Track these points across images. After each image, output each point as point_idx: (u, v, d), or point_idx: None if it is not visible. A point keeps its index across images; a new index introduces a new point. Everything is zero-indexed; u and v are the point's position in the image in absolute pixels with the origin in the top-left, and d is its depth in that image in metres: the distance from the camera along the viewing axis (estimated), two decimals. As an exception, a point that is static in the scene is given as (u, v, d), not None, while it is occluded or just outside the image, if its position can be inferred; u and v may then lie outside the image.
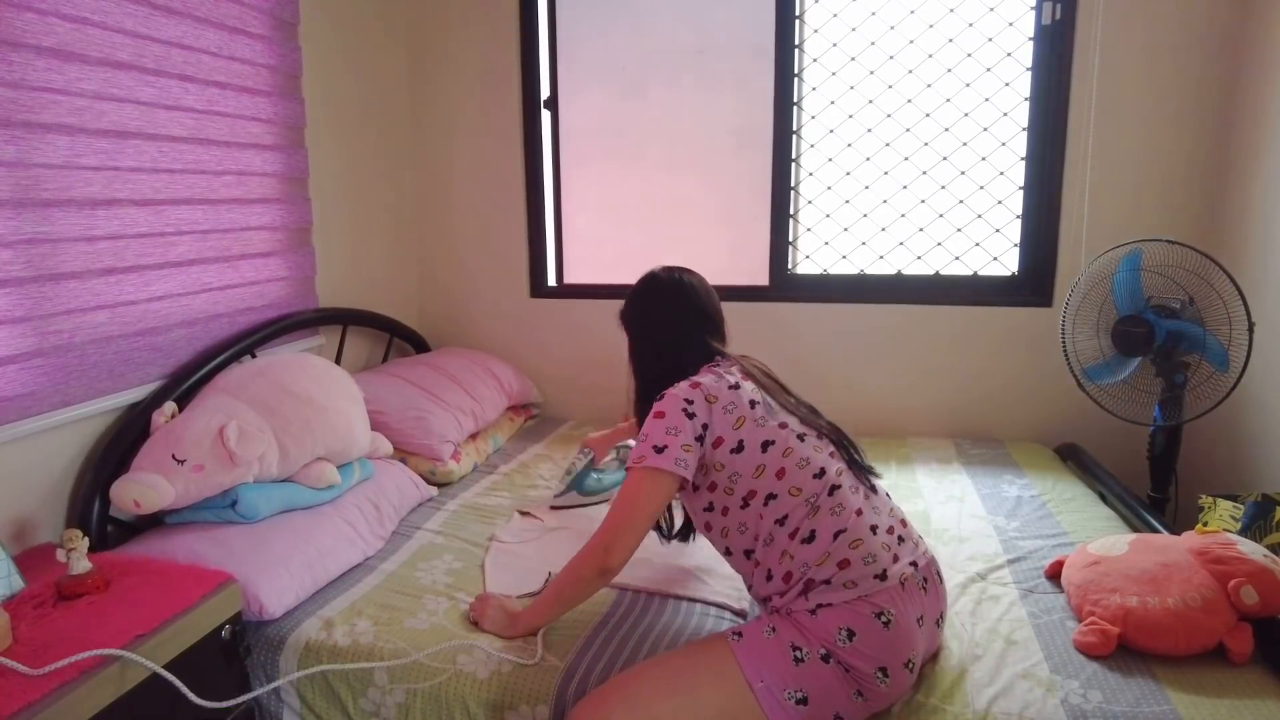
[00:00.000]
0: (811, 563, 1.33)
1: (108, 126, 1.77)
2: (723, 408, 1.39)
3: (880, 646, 1.27)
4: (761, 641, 1.30)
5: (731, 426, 1.38)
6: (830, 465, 1.41)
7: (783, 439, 1.40)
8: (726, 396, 1.40)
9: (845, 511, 1.36)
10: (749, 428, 1.39)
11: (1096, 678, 1.34)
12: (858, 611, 1.29)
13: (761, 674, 1.26)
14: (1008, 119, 2.53)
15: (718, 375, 1.44)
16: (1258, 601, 1.38)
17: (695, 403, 1.39)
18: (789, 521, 1.36)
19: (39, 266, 1.64)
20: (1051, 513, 2.01)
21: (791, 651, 1.27)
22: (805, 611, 1.31)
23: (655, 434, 1.38)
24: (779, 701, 1.24)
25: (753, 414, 1.41)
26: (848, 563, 1.32)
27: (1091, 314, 2.16)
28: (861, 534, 1.35)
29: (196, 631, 1.36)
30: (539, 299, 3.03)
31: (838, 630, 1.27)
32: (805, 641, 1.28)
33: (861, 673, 1.26)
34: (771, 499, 1.37)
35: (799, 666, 1.26)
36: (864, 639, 1.27)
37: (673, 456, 1.36)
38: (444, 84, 2.96)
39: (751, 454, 1.38)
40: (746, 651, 1.28)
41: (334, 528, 1.81)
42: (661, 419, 1.39)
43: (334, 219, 2.59)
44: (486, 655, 1.44)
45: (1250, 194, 2.21)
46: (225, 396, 1.82)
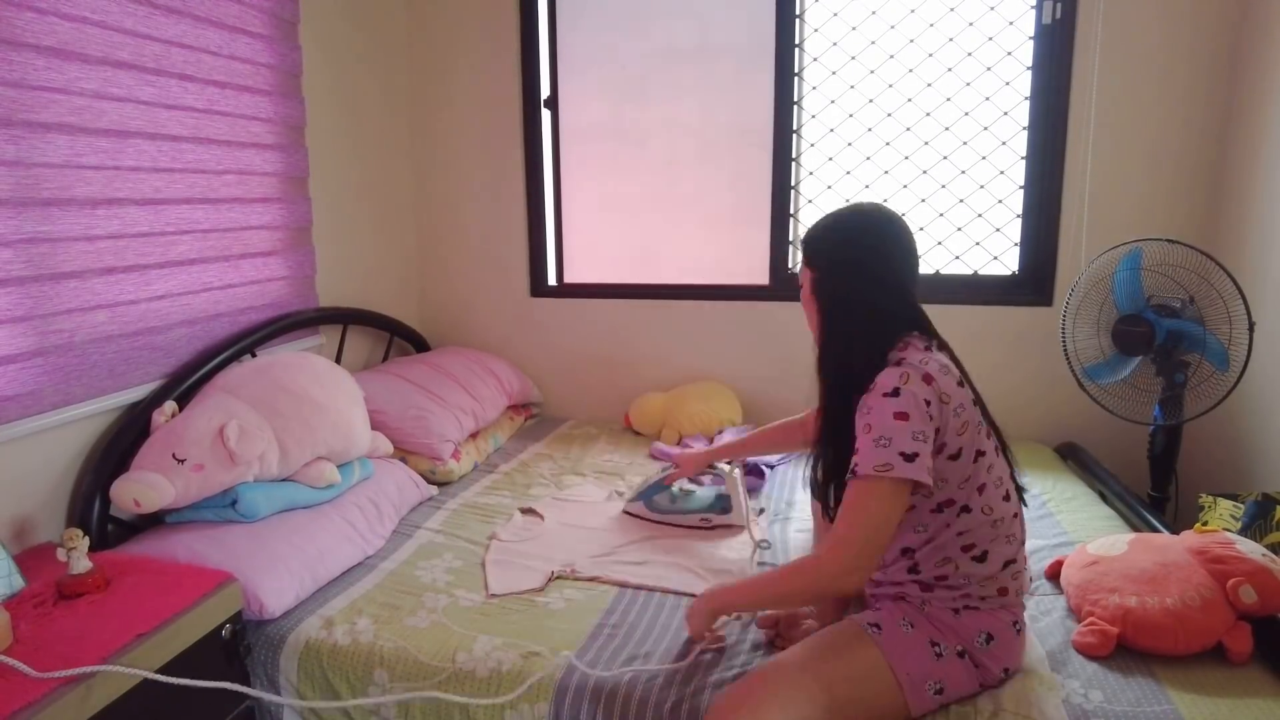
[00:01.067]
0: (975, 580, 1.31)
1: (108, 126, 1.77)
2: (954, 410, 1.24)
3: (1011, 651, 1.32)
4: (903, 636, 1.29)
5: (957, 432, 1.25)
6: (1012, 488, 1.36)
7: (990, 450, 1.31)
8: (957, 396, 1.25)
9: (1016, 542, 1.35)
10: (970, 434, 1.27)
11: (1097, 677, 1.34)
12: (998, 619, 1.32)
13: (907, 667, 1.26)
14: (1008, 118, 2.53)
15: (943, 366, 1.27)
16: (1256, 601, 1.37)
17: (932, 404, 1.22)
18: (968, 536, 1.31)
19: (39, 266, 1.64)
20: (1051, 512, 2.01)
21: (931, 646, 1.29)
22: (947, 610, 1.32)
23: (900, 438, 1.20)
24: (921, 692, 1.26)
25: (974, 417, 1.28)
26: (1006, 591, 1.33)
27: (1092, 313, 2.16)
28: (1023, 565, 1.36)
29: (197, 631, 1.36)
30: (539, 298, 3.04)
31: (979, 633, 1.30)
32: (943, 638, 1.30)
33: (989, 670, 1.30)
34: (965, 512, 1.30)
35: (938, 660, 1.28)
36: (1000, 644, 1.31)
37: (925, 465, 1.20)
38: (444, 83, 2.96)
39: (965, 463, 1.27)
40: (891, 645, 1.28)
41: (334, 527, 1.81)
42: (905, 420, 1.20)
43: (334, 218, 2.59)
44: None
45: (1250, 193, 2.20)
46: (225, 396, 1.82)
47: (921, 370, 1.24)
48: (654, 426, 2.75)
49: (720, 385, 2.80)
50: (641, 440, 2.73)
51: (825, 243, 1.38)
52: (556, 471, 2.42)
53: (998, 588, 1.32)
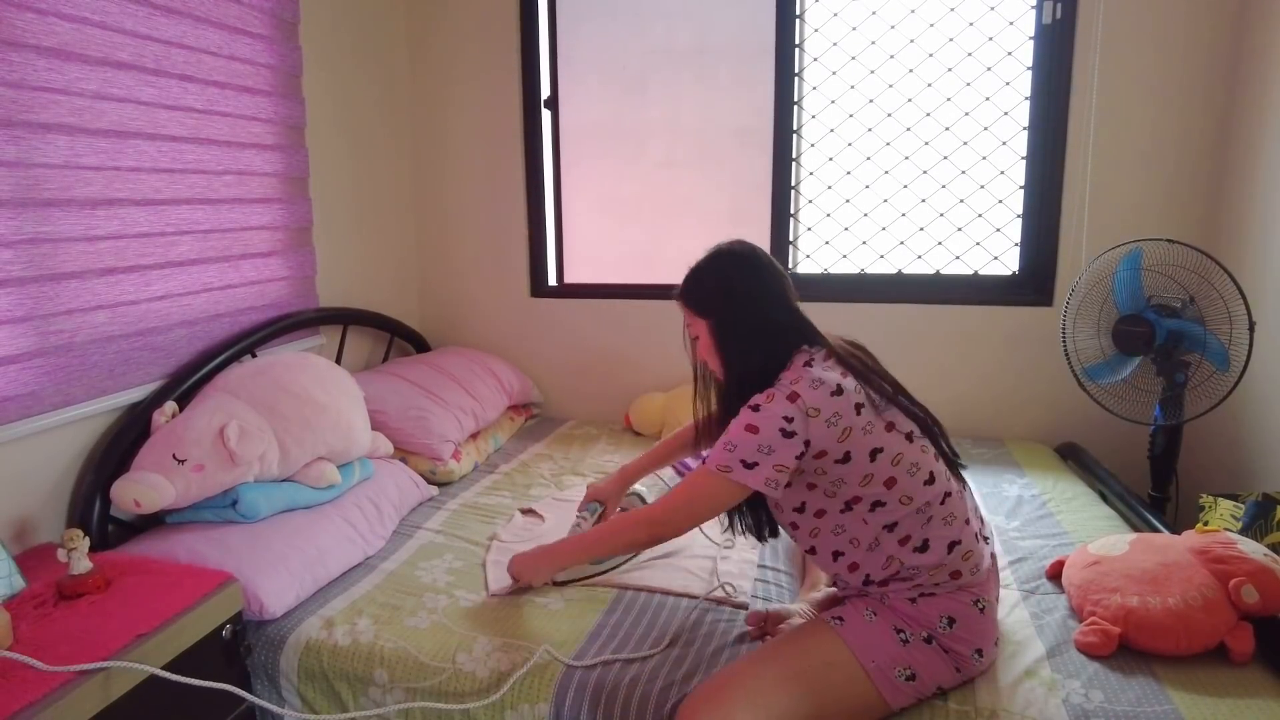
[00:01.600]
0: (925, 568, 1.33)
1: (108, 126, 1.77)
2: (825, 421, 1.27)
3: (977, 630, 1.33)
4: (866, 625, 1.32)
5: (836, 440, 1.28)
6: (938, 469, 1.36)
7: (891, 444, 1.31)
8: (830, 407, 1.28)
9: (956, 522, 1.35)
10: (855, 437, 1.29)
11: (1098, 677, 1.34)
12: (958, 600, 1.33)
13: (872, 655, 1.28)
14: (1008, 118, 2.53)
15: (815, 380, 1.30)
16: (1258, 600, 1.37)
17: (794, 419, 1.27)
18: (899, 529, 1.33)
19: (40, 266, 1.64)
20: (1052, 512, 2.01)
21: (896, 633, 1.31)
22: (904, 599, 1.33)
23: (746, 447, 1.28)
24: (890, 680, 1.27)
25: (859, 422, 1.29)
26: (959, 573, 1.34)
27: (1092, 313, 2.16)
28: (971, 544, 1.36)
29: (197, 631, 1.36)
30: (539, 298, 3.04)
31: (940, 618, 1.32)
32: (907, 624, 1.32)
33: (960, 654, 1.31)
34: (879, 506, 1.32)
35: (905, 647, 1.30)
36: (963, 625, 1.32)
37: (763, 477, 1.28)
38: (444, 83, 2.96)
39: (859, 464, 1.30)
40: (853, 635, 1.30)
41: (334, 527, 1.81)
42: (755, 434, 1.28)
43: (334, 219, 2.59)
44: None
45: (1251, 192, 2.20)
46: (226, 396, 1.82)
47: (788, 390, 1.30)
48: (654, 426, 2.75)
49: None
50: (642, 440, 2.73)
51: (710, 290, 1.45)
52: (556, 472, 2.42)
53: (949, 572, 1.33)
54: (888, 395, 1.37)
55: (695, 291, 1.47)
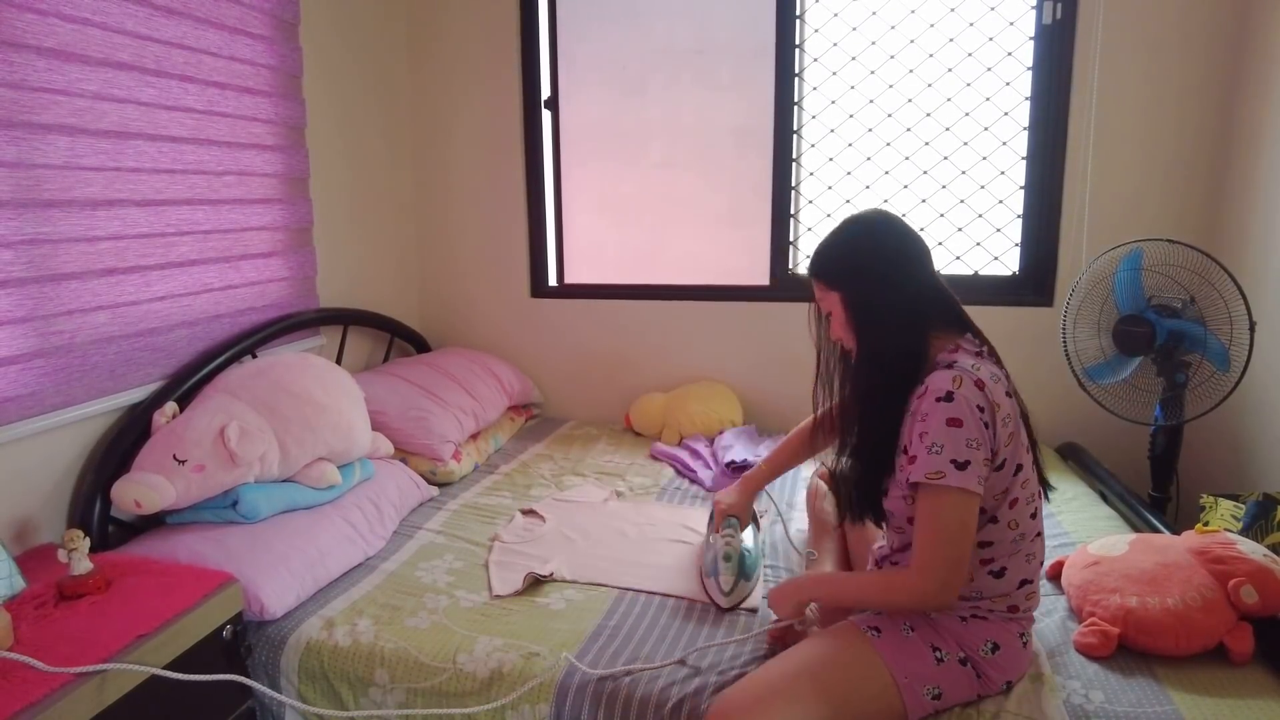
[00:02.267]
0: (988, 595, 1.31)
1: (109, 127, 1.78)
2: (1003, 419, 1.22)
3: (1015, 662, 1.31)
4: (902, 639, 1.29)
5: (1004, 443, 1.23)
6: (1040, 505, 1.34)
7: (1027, 465, 1.29)
8: (1006, 406, 1.23)
9: (1034, 561, 1.34)
10: (1015, 447, 1.25)
11: (1098, 678, 1.34)
12: (1006, 630, 1.31)
13: (906, 670, 1.26)
14: (1008, 118, 2.53)
15: (993, 373, 1.26)
16: (1258, 601, 1.37)
17: (985, 410, 1.20)
18: (990, 550, 1.30)
19: (40, 267, 1.64)
20: (1052, 513, 2.01)
21: (932, 651, 1.28)
22: (955, 617, 1.31)
23: (953, 445, 1.19)
24: (918, 696, 1.26)
25: (1020, 431, 1.26)
26: (1017, 609, 1.33)
27: (1092, 313, 2.16)
28: (1036, 585, 1.34)
29: (198, 631, 1.36)
30: (539, 299, 3.04)
31: (984, 641, 1.29)
32: (944, 644, 1.29)
33: (992, 681, 1.29)
34: (992, 523, 1.28)
35: (939, 666, 1.27)
36: (1005, 654, 1.30)
37: (976, 475, 1.19)
38: (444, 83, 2.96)
39: (1006, 475, 1.25)
40: (889, 649, 1.28)
41: (335, 528, 1.81)
42: (959, 427, 1.19)
43: (335, 219, 2.59)
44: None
45: (1251, 193, 2.20)
46: (226, 397, 1.82)
47: (974, 375, 1.23)
48: (654, 427, 2.75)
49: (721, 385, 2.80)
50: (642, 441, 2.73)
51: (845, 261, 1.36)
52: (557, 472, 2.42)
53: (1009, 605, 1.32)
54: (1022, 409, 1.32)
55: (824, 262, 1.37)
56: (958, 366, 1.25)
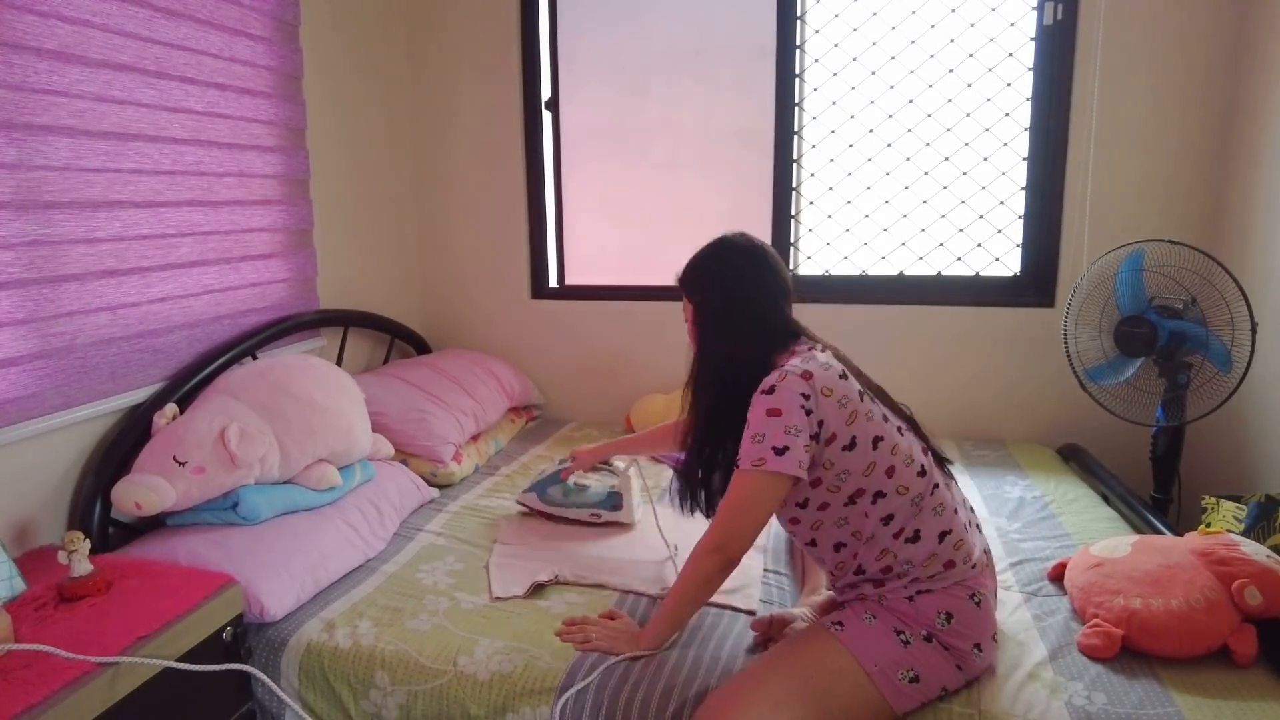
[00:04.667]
0: (917, 562, 1.34)
1: (109, 129, 1.78)
2: (837, 401, 1.30)
3: (974, 624, 1.33)
4: (865, 629, 1.31)
5: (845, 422, 1.30)
6: (927, 462, 1.39)
7: (889, 434, 1.34)
8: (840, 389, 1.31)
9: (946, 511, 1.37)
10: (860, 423, 1.31)
11: (1101, 680, 1.34)
12: (954, 595, 1.33)
13: (873, 658, 1.28)
14: (1009, 119, 2.53)
15: (824, 364, 1.33)
16: (1261, 602, 1.37)
17: (811, 397, 1.28)
18: (894, 521, 1.34)
19: (40, 269, 1.64)
20: (1054, 514, 2.00)
21: (896, 635, 1.30)
22: (903, 599, 1.33)
23: (774, 433, 1.27)
24: (893, 682, 1.27)
25: (863, 408, 1.32)
26: (952, 564, 1.35)
27: (1094, 314, 2.15)
28: (961, 533, 1.37)
29: (198, 633, 1.36)
30: (540, 300, 3.03)
31: (937, 614, 1.32)
32: (906, 625, 1.32)
33: (960, 650, 1.31)
34: (880, 497, 1.33)
35: (906, 648, 1.29)
36: (960, 620, 1.32)
37: (795, 459, 1.27)
38: (445, 85, 2.96)
39: (863, 451, 1.31)
40: (854, 640, 1.30)
41: (335, 529, 1.81)
42: (779, 416, 1.27)
43: (335, 221, 2.59)
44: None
45: (1253, 194, 2.20)
46: (226, 398, 1.82)
47: (800, 369, 1.31)
48: (655, 428, 2.75)
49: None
50: (643, 442, 2.73)
51: (701, 273, 1.49)
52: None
53: (942, 562, 1.34)
54: (876, 391, 1.42)
55: (687, 272, 1.52)
56: (786, 366, 1.33)
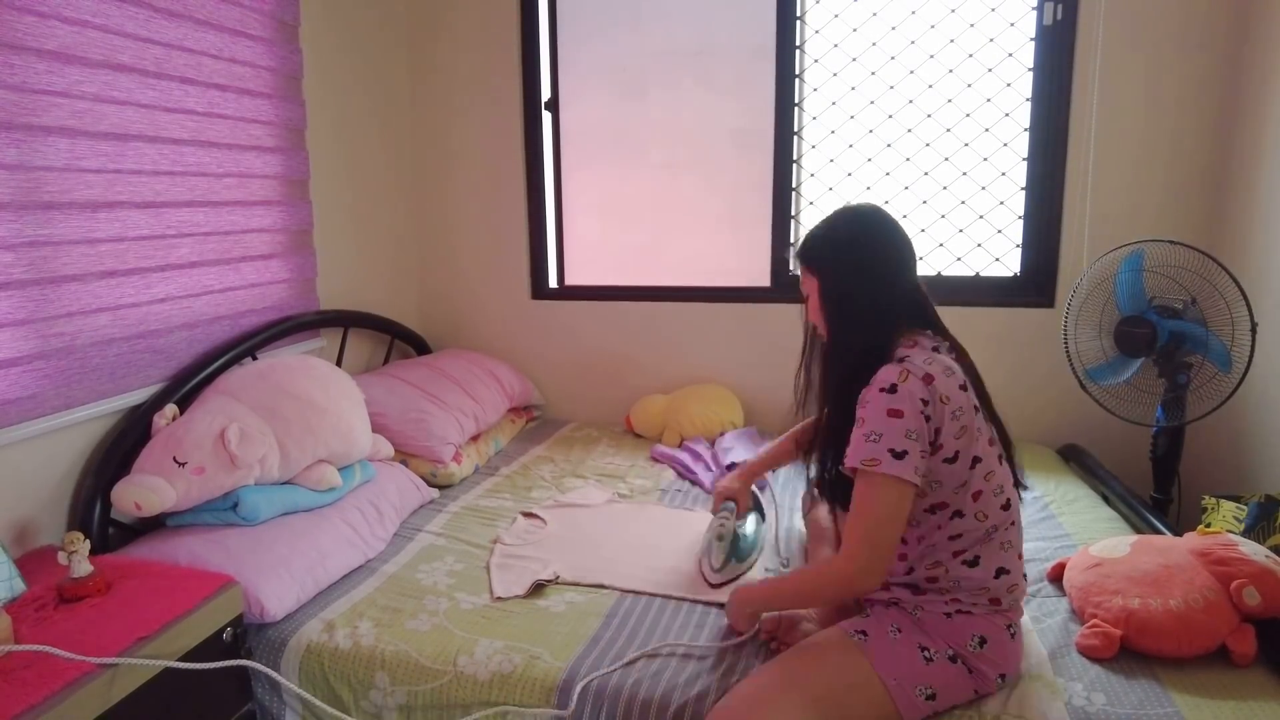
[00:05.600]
0: (965, 586, 1.31)
1: (109, 129, 1.78)
2: (952, 413, 1.25)
3: (1006, 655, 1.30)
4: (889, 641, 1.29)
5: (954, 435, 1.25)
6: (1014, 496, 1.35)
7: (989, 457, 1.30)
8: (957, 399, 1.26)
9: (1011, 550, 1.34)
10: (968, 439, 1.27)
11: (1100, 680, 1.34)
12: (992, 623, 1.31)
13: (894, 671, 1.26)
14: (1009, 120, 2.53)
15: (946, 367, 1.28)
16: (1260, 602, 1.37)
17: (931, 403, 1.23)
18: (961, 540, 1.31)
19: (40, 269, 1.64)
20: (1054, 514, 2.00)
21: (920, 651, 1.28)
22: (940, 615, 1.31)
23: (892, 435, 1.21)
24: (910, 697, 1.25)
25: (973, 424, 1.28)
26: (999, 601, 1.32)
27: (1094, 315, 2.15)
28: (1018, 577, 1.34)
29: (198, 634, 1.36)
30: (540, 300, 3.03)
31: (972, 636, 1.29)
32: (932, 643, 1.29)
33: (984, 675, 1.29)
34: (957, 516, 1.30)
35: (928, 665, 1.27)
36: (994, 647, 1.29)
37: (913, 465, 1.21)
38: (445, 85, 2.97)
39: (961, 468, 1.27)
40: (876, 651, 1.28)
41: (335, 530, 1.81)
42: (899, 418, 1.21)
43: (335, 221, 2.59)
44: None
45: (1253, 194, 2.20)
46: (226, 399, 1.82)
47: (922, 370, 1.25)
48: (655, 429, 2.75)
49: (721, 387, 2.80)
50: (643, 442, 2.73)
51: (826, 247, 1.39)
52: (557, 474, 2.42)
53: (990, 597, 1.32)
54: (987, 406, 1.36)
55: (809, 246, 1.42)
56: (908, 361, 1.27)
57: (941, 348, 1.36)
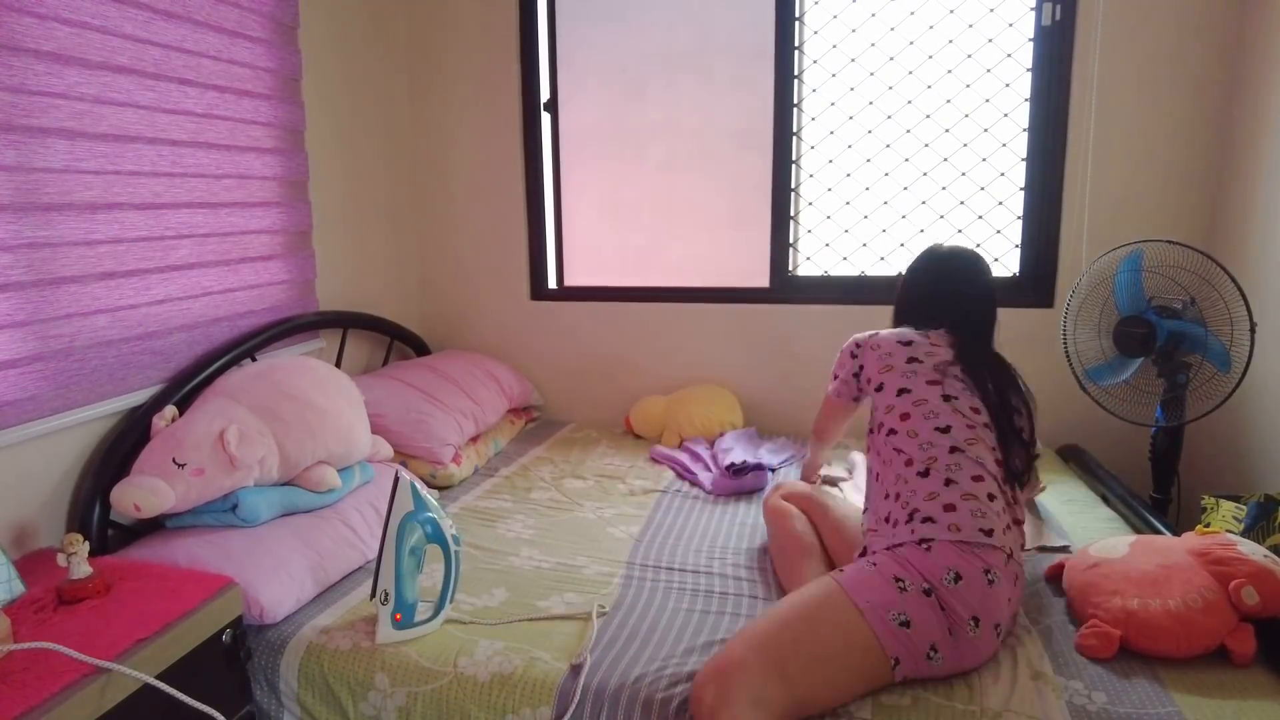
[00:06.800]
0: (920, 493, 1.45)
1: (108, 131, 1.78)
2: (879, 355, 1.66)
3: (980, 598, 1.35)
4: (864, 571, 1.39)
5: (879, 370, 1.65)
6: (962, 432, 1.51)
7: (922, 392, 1.57)
8: (887, 346, 1.66)
9: (961, 471, 1.46)
10: (892, 375, 1.62)
11: (1101, 679, 1.34)
12: (968, 561, 1.37)
13: (865, 595, 1.33)
14: (1008, 120, 2.53)
15: (901, 333, 1.69)
16: (1259, 602, 1.37)
17: (862, 347, 1.72)
18: (905, 452, 1.52)
19: (39, 271, 1.64)
20: (1053, 514, 2.00)
21: (894, 582, 1.35)
22: (915, 544, 1.40)
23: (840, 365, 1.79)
24: (884, 620, 1.31)
25: (904, 367, 1.61)
26: (954, 508, 1.42)
27: (1093, 315, 2.15)
28: (974, 491, 1.44)
29: (197, 636, 1.36)
30: (539, 301, 3.03)
31: (946, 570, 1.36)
32: (908, 574, 1.36)
33: (957, 615, 1.33)
34: (892, 434, 1.56)
35: (901, 594, 1.34)
36: (968, 585, 1.35)
37: (833, 388, 1.80)
38: (444, 86, 2.97)
39: (887, 394, 1.61)
40: (850, 580, 1.37)
41: (334, 531, 1.81)
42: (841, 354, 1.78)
43: (334, 222, 2.59)
44: None
45: (1251, 194, 2.20)
46: (225, 400, 1.82)
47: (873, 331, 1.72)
48: (655, 429, 2.75)
49: (721, 388, 2.80)
50: (642, 443, 2.73)
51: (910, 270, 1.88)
52: (557, 475, 2.42)
53: (944, 504, 1.42)
54: (970, 387, 1.58)
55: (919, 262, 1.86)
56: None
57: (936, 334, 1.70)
